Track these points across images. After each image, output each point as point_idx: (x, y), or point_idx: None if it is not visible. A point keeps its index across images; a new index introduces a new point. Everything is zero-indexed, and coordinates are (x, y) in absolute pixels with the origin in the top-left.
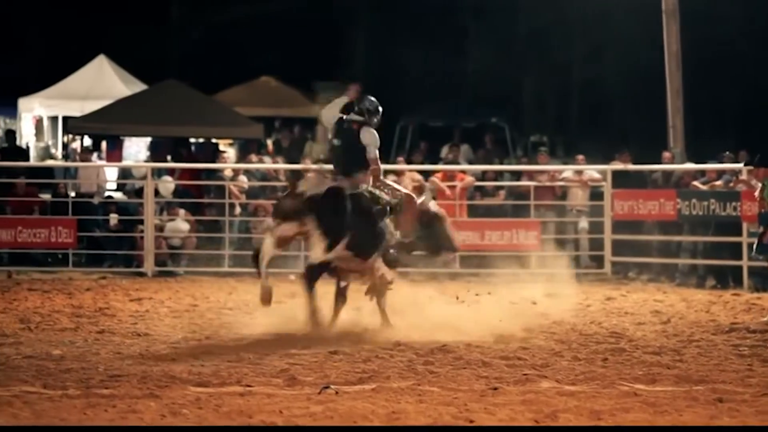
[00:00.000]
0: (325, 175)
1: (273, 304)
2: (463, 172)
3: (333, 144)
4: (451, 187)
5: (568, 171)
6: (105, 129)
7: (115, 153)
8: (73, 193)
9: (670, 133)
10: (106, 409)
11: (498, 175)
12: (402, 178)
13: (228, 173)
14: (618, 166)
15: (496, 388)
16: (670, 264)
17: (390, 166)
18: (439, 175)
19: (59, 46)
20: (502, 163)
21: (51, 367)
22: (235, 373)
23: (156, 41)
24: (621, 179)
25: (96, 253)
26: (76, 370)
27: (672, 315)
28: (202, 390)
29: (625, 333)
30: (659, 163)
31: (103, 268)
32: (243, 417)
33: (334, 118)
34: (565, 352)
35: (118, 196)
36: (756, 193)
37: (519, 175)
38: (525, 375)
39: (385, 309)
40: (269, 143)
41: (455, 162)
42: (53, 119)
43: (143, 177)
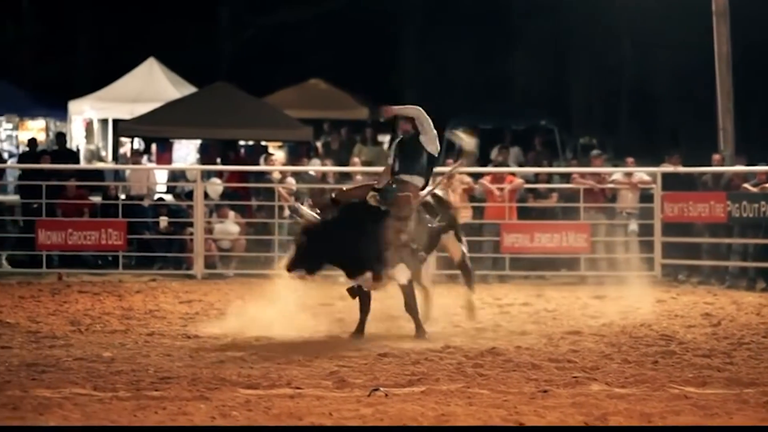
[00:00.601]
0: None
1: (322, 306)
2: (513, 174)
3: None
4: (500, 189)
5: (617, 173)
6: (155, 131)
7: (165, 155)
8: (123, 196)
9: (720, 135)
10: (156, 411)
11: (548, 177)
12: (451, 181)
13: (276, 175)
14: (668, 168)
15: (546, 391)
16: (721, 266)
17: (439, 168)
18: (488, 177)
19: (110, 49)
20: (551, 165)
21: (101, 369)
22: (284, 375)
23: (206, 44)
24: (671, 181)
25: (146, 256)
26: (126, 372)
27: (722, 317)
28: (251, 392)
29: (675, 336)
30: (709, 165)
31: (152, 270)
32: (292, 419)
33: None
34: (615, 354)
35: (168, 198)
36: None
37: (568, 178)
38: (575, 378)
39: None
40: (318, 145)
41: (505, 164)
42: (103, 122)
43: (193, 179)
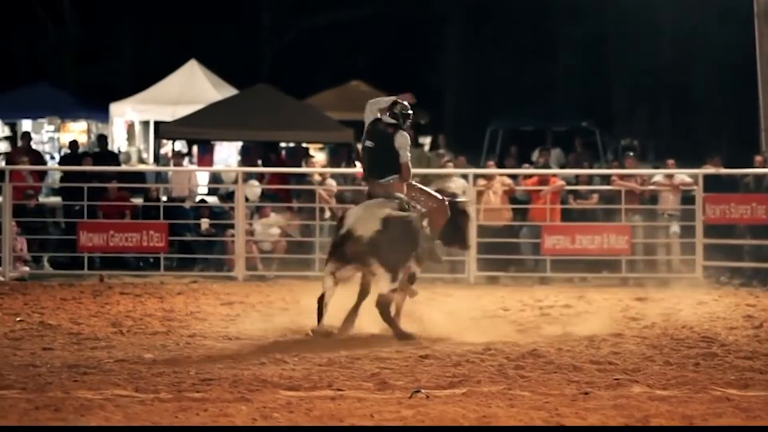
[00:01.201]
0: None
1: (363, 307)
2: (554, 176)
3: (365, 145)
4: (539, 189)
5: (659, 175)
6: (196, 133)
7: (206, 157)
8: (164, 198)
9: (762, 136)
10: (198, 413)
11: (589, 179)
12: (492, 183)
13: (317, 177)
14: (709, 170)
15: (587, 393)
16: (763, 268)
17: (480, 170)
18: (533, 179)
19: (151, 51)
20: (592, 167)
21: (143, 370)
22: (325, 376)
23: (247, 46)
24: (712, 183)
25: (187, 257)
26: (167, 374)
27: (764, 319)
28: (293, 394)
29: (717, 337)
30: (751, 167)
31: (194, 272)
32: (333, 421)
33: (370, 119)
34: (657, 356)
35: (210, 200)
36: None
37: (609, 179)
38: (616, 380)
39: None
40: (359, 147)
41: (546, 166)
42: (145, 124)
43: (234, 181)
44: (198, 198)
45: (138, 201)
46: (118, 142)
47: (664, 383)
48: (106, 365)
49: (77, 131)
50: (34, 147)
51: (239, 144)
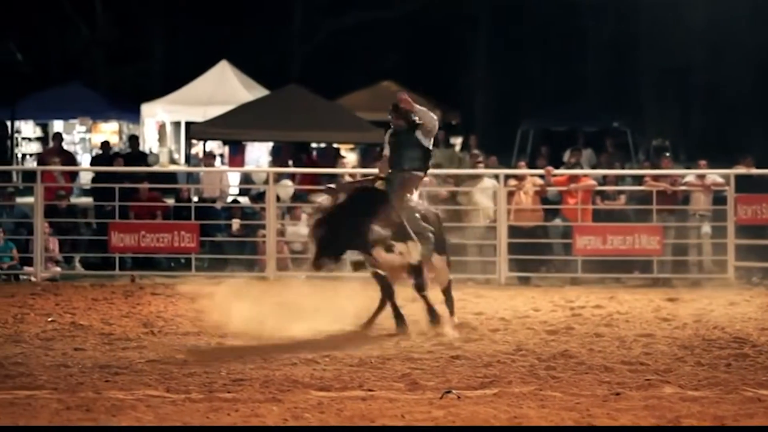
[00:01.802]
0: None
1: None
2: (585, 176)
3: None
4: (566, 188)
5: (690, 175)
6: (227, 134)
7: (237, 158)
8: (195, 198)
9: None
10: (229, 413)
11: (619, 179)
12: (523, 183)
13: (348, 178)
14: (741, 170)
15: (618, 394)
16: None
17: (512, 171)
18: (561, 178)
19: (182, 52)
20: (623, 167)
21: (174, 371)
22: (357, 377)
23: (278, 46)
24: (744, 183)
25: (218, 258)
26: (199, 374)
27: None
28: (324, 394)
29: (748, 338)
30: None
31: (225, 272)
32: (365, 421)
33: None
34: (688, 357)
35: (241, 200)
36: None
37: (641, 180)
38: (647, 380)
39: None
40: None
41: (577, 166)
42: (176, 124)
43: (265, 182)
44: (230, 198)
45: (169, 202)
46: (149, 142)
47: (695, 384)
48: (138, 365)
49: (109, 132)
50: (65, 147)
51: (270, 144)
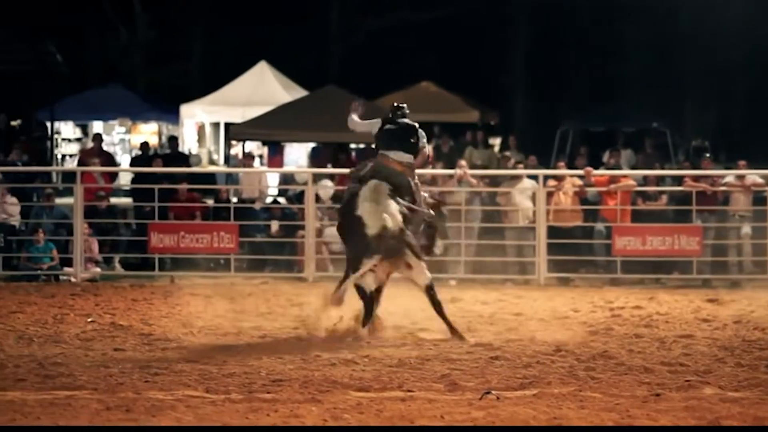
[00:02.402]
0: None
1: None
2: (625, 176)
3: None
4: (605, 187)
5: (730, 176)
6: (266, 135)
7: (276, 159)
8: (234, 199)
9: None
10: (268, 414)
11: (659, 180)
12: (562, 184)
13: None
14: None
15: (658, 395)
16: None
17: (551, 171)
18: (601, 179)
19: (220, 53)
20: (663, 168)
21: (214, 371)
22: (396, 377)
23: (317, 47)
24: None
25: (257, 259)
26: (238, 375)
27: None
28: (363, 395)
29: None
30: None
31: (264, 273)
32: (404, 422)
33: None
34: (728, 358)
35: (280, 201)
36: None
37: (680, 180)
38: (687, 381)
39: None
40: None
41: (617, 167)
42: (215, 125)
43: (304, 182)
44: (271, 199)
45: (208, 202)
46: (188, 143)
47: (735, 385)
48: (177, 366)
49: (148, 133)
50: (105, 148)
51: (309, 145)
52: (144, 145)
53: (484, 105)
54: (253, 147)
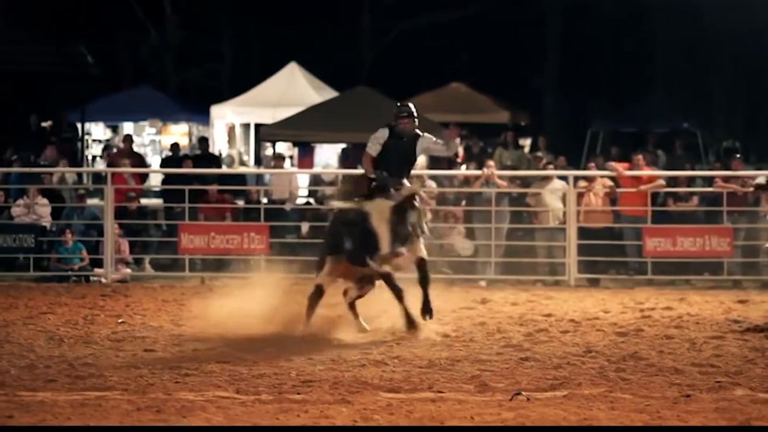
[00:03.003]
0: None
1: (464, 309)
2: (653, 176)
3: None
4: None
5: (761, 177)
6: (296, 136)
7: (306, 159)
8: (265, 200)
9: None
10: (299, 414)
11: (690, 180)
12: (593, 184)
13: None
14: None
15: (689, 396)
16: None
17: (581, 172)
18: (625, 164)
19: (251, 54)
20: (693, 168)
21: (244, 372)
22: (426, 378)
23: (347, 48)
24: None
25: (288, 260)
26: (268, 376)
27: None
28: (393, 396)
29: None
30: None
31: (293, 274)
32: (434, 423)
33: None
34: (759, 359)
35: (311, 202)
36: None
37: (711, 181)
38: (718, 382)
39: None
40: (460, 149)
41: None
42: (245, 126)
43: (334, 183)
44: (304, 201)
45: (239, 203)
46: (218, 144)
47: (766, 386)
48: (208, 367)
49: (178, 134)
50: (135, 149)
51: (339, 146)
52: (174, 146)
53: (514, 106)
54: (284, 148)
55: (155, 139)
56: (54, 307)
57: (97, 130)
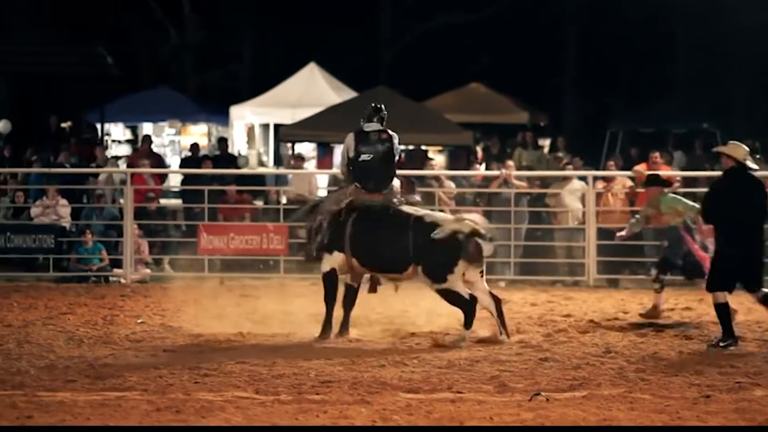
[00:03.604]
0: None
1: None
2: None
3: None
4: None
5: None
6: (316, 136)
7: (325, 160)
8: (284, 200)
9: None
10: (318, 415)
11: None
12: (612, 185)
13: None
14: None
15: (708, 396)
16: None
17: (600, 173)
18: (642, 165)
19: (270, 55)
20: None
21: (263, 372)
22: (445, 379)
23: (366, 49)
24: None
25: None
26: (287, 376)
27: None
28: (412, 396)
29: None
30: None
31: (314, 274)
32: (453, 423)
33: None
34: None
35: None
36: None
37: None
38: (738, 383)
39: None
40: (479, 150)
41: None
42: (264, 127)
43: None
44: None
45: (258, 203)
46: (237, 144)
47: None
48: (227, 367)
49: (198, 134)
50: (154, 150)
51: None
52: (194, 146)
53: (533, 106)
54: (309, 148)
55: (174, 140)
56: (74, 307)
57: (117, 131)
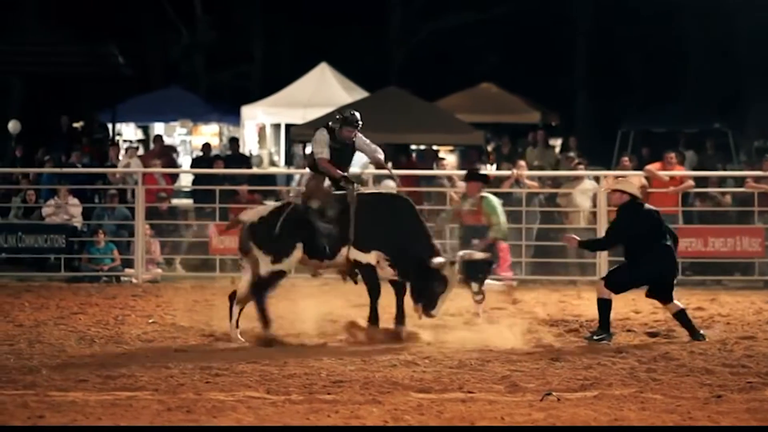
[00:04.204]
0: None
1: (495, 309)
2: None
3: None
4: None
5: None
6: None
7: None
8: None
9: None
10: (329, 415)
11: (721, 181)
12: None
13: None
14: None
15: (719, 396)
16: None
17: (612, 172)
18: (657, 164)
19: (282, 55)
20: (725, 169)
21: (274, 372)
22: (456, 379)
23: (377, 49)
24: None
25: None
26: (299, 376)
27: None
28: (423, 396)
29: None
30: None
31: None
32: (465, 423)
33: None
34: None
35: None
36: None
37: (742, 182)
38: (749, 383)
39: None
40: (490, 150)
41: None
42: (276, 127)
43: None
44: None
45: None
46: (249, 144)
47: None
48: (238, 367)
49: (209, 134)
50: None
51: None
52: (205, 146)
53: (544, 106)
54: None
55: (186, 140)
56: (85, 307)
57: (128, 131)
